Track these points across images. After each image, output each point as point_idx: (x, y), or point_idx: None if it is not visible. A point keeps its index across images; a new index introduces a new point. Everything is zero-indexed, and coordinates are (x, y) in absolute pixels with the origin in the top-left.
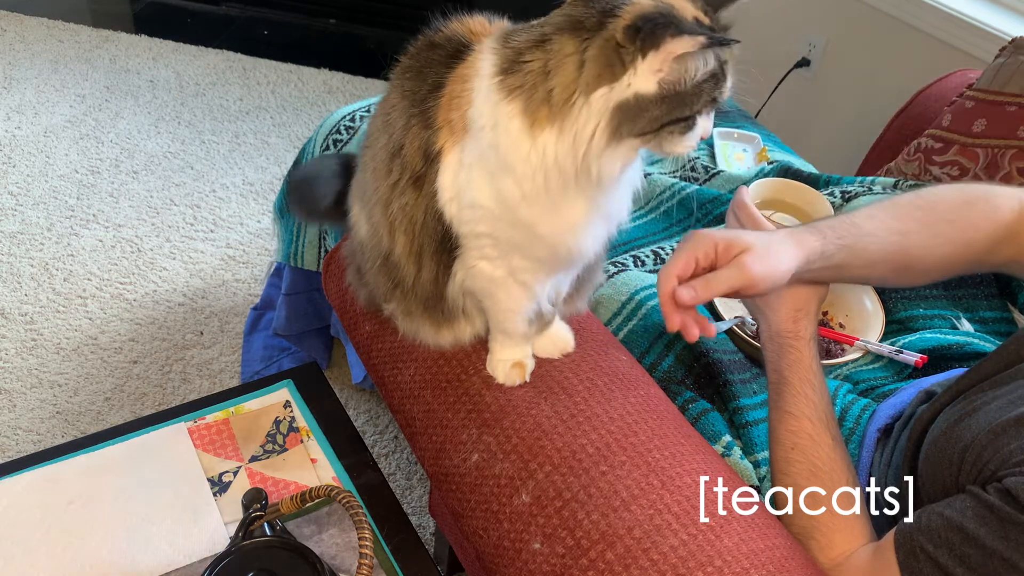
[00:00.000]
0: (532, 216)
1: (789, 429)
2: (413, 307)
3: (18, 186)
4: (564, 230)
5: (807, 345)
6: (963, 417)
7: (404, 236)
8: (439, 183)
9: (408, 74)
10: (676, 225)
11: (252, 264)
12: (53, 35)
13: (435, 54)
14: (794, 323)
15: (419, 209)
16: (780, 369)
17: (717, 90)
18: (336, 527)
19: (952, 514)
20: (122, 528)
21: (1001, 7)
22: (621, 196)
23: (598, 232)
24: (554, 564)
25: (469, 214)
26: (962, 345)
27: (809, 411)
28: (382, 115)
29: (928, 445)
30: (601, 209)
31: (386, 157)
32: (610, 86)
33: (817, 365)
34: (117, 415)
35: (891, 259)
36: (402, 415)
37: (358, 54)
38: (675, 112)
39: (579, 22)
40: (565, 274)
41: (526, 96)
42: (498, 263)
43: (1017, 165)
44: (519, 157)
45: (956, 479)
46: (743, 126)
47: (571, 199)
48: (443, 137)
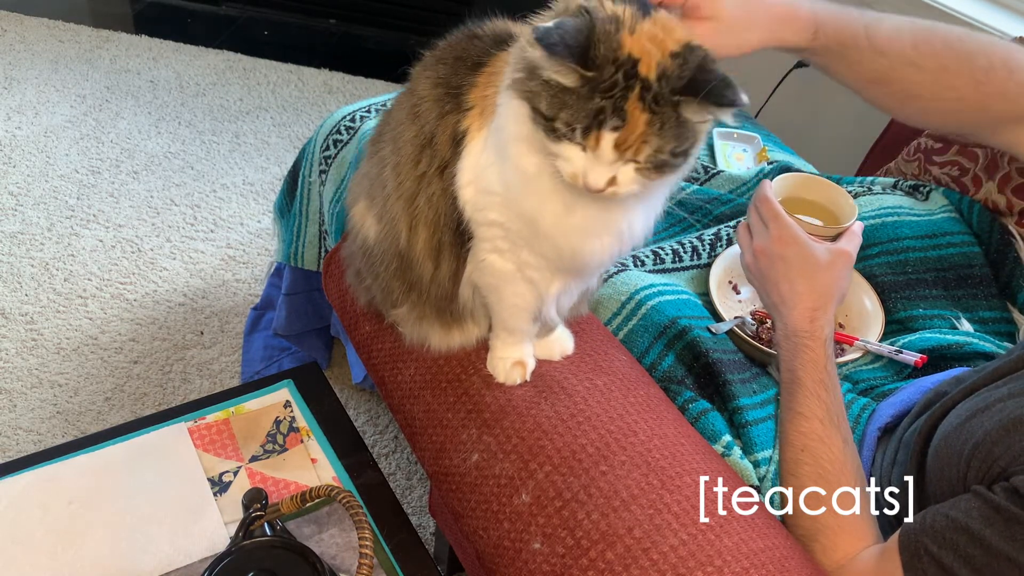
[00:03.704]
0: (535, 208)
1: (799, 430)
2: (426, 310)
3: (18, 186)
4: (566, 231)
5: (823, 345)
6: (976, 413)
7: (425, 230)
8: (460, 165)
9: (443, 63)
10: (676, 225)
11: (252, 264)
12: (53, 35)
13: (478, 43)
14: (810, 323)
15: (443, 199)
16: (794, 369)
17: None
18: (336, 527)
19: (957, 515)
20: (122, 528)
21: (1001, 7)
22: (634, 215)
23: (605, 244)
24: (554, 564)
25: (484, 200)
26: (962, 345)
27: (820, 412)
28: (407, 108)
29: (939, 439)
30: (603, 221)
31: (414, 150)
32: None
33: (832, 366)
34: (117, 415)
35: (887, 85)
36: (402, 415)
37: (358, 54)
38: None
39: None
40: (575, 281)
41: None
42: (508, 256)
43: (1017, 165)
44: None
45: (964, 476)
46: (743, 126)
47: (568, 199)
48: (472, 118)
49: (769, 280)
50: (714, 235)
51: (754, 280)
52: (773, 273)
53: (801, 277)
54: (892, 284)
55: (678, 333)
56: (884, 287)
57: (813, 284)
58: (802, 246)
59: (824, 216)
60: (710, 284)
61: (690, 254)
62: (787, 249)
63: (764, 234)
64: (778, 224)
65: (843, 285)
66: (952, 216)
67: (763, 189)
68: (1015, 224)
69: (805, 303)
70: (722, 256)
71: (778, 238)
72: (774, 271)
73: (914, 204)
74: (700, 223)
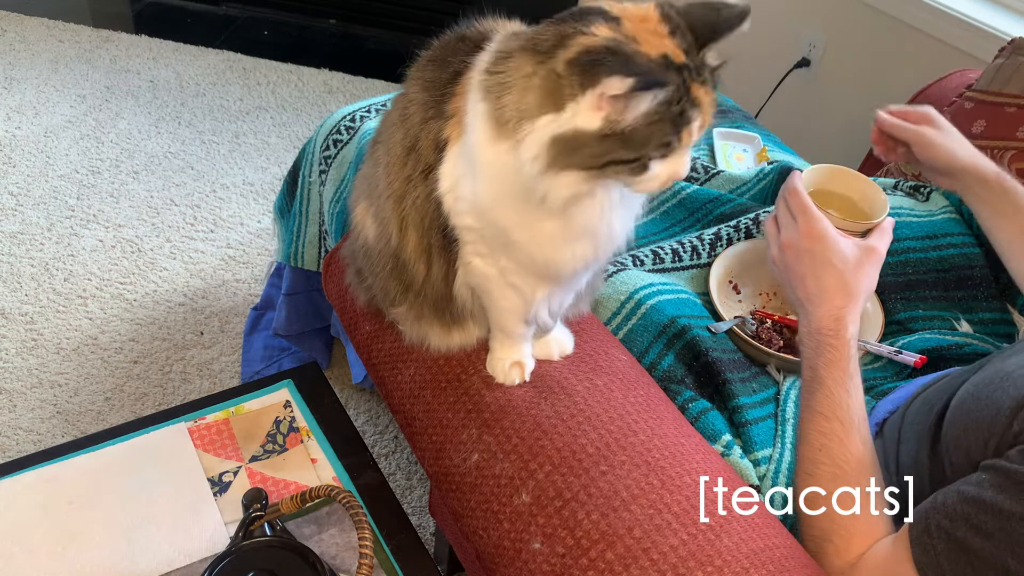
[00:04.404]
0: (505, 220)
1: (819, 430)
2: (424, 310)
3: (18, 186)
4: (540, 241)
5: (847, 345)
6: (995, 379)
7: (415, 232)
8: (440, 171)
9: (430, 65)
10: (676, 225)
11: (252, 264)
12: (53, 35)
13: (462, 45)
14: (835, 321)
15: (428, 202)
16: (816, 367)
17: (675, 134)
18: (336, 527)
19: (968, 488)
20: (122, 528)
21: (1001, 7)
22: (614, 222)
23: (580, 251)
24: (554, 564)
25: (461, 206)
26: (961, 346)
27: (841, 413)
28: (399, 109)
29: (956, 402)
30: (580, 229)
31: (402, 151)
32: (555, 115)
33: (855, 366)
34: (117, 415)
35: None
36: (402, 415)
37: (358, 54)
38: (617, 153)
39: (539, 43)
40: (560, 288)
41: (491, 103)
42: (489, 261)
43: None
44: (485, 160)
45: (987, 441)
46: (743, 126)
47: (539, 212)
48: (452, 126)
49: (795, 275)
50: (714, 235)
51: (779, 274)
52: (799, 268)
53: (828, 274)
54: (892, 285)
55: (678, 332)
56: (884, 288)
57: (840, 281)
58: (830, 241)
59: (855, 211)
60: (710, 284)
61: (690, 254)
62: (815, 244)
63: (792, 227)
64: (806, 218)
65: (871, 284)
66: (952, 217)
67: (793, 181)
68: None
69: (831, 301)
70: (722, 256)
71: (806, 232)
72: (800, 266)
73: (914, 205)
74: (700, 223)
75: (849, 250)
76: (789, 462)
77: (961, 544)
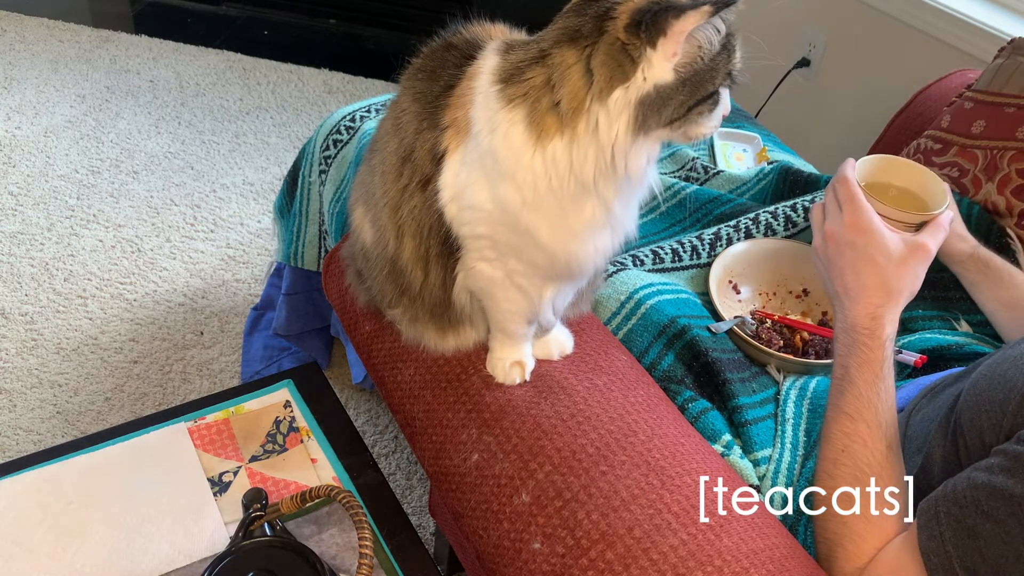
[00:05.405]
0: (534, 223)
1: (844, 431)
2: (420, 313)
3: (18, 186)
4: (567, 238)
5: (882, 346)
6: (1009, 359)
7: (412, 240)
8: (441, 182)
9: (420, 75)
10: (676, 225)
11: (252, 264)
12: (53, 35)
13: (451, 55)
14: (872, 319)
15: (426, 212)
16: (847, 366)
17: (730, 62)
18: (336, 527)
19: (978, 475)
20: (122, 528)
21: (1001, 7)
22: (631, 205)
23: (603, 243)
24: (554, 564)
25: (468, 215)
26: (961, 345)
27: (869, 416)
28: (392, 118)
29: (970, 384)
30: (613, 215)
31: (396, 161)
32: (625, 86)
33: (889, 368)
34: (117, 415)
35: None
36: (402, 415)
37: (358, 54)
38: (699, 91)
39: (576, 32)
40: (567, 285)
41: (529, 107)
42: (496, 264)
43: (1016, 167)
44: (520, 165)
45: (1000, 421)
46: (743, 126)
47: (581, 205)
48: (449, 137)
49: (835, 267)
50: (714, 235)
51: (819, 265)
52: (840, 260)
53: (869, 269)
54: None
55: (677, 332)
56: None
57: (880, 279)
58: (875, 235)
59: (913, 204)
60: (710, 284)
61: (690, 254)
62: (859, 237)
63: (837, 217)
64: (853, 208)
65: (915, 282)
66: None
67: (844, 169)
68: (1014, 226)
69: (869, 298)
70: (722, 256)
71: (852, 224)
72: (841, 258)
73: None
74: (700, 223)
75: (894, 245)
76: (789, 462)
77: (971, 531)
